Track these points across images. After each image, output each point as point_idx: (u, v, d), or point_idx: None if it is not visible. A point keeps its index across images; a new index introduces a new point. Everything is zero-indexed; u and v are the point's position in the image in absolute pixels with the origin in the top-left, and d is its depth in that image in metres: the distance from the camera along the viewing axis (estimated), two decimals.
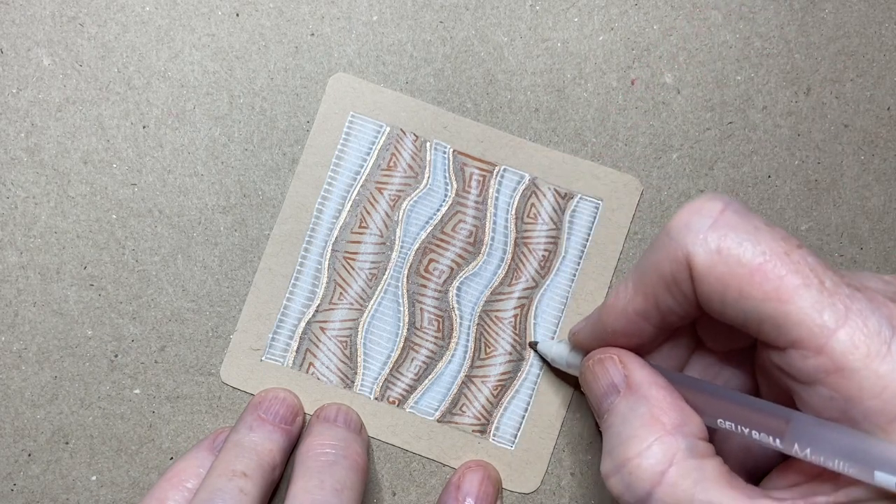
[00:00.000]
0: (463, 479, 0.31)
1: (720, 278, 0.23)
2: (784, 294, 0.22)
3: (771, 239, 0.23)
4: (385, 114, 0.33)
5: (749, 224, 0.23)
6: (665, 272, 0.24)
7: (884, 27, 0.33)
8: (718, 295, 0.23)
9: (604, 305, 0.27)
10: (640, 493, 0.24)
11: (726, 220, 0.23)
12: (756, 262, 0.23)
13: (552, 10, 0.33)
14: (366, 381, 0.33)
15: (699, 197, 0.24)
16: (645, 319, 0.26)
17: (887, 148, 0.33)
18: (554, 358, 0.31)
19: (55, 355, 0.32)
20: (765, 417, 0.24)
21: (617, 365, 0.27)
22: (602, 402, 0.27)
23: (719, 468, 0.24)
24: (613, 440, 0.26)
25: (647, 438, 0.24)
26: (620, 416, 0.26)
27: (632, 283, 0.26)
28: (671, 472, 0.24)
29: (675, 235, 0.24)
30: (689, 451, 0.24)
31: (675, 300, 0.25)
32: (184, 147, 0.33)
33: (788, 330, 0.22)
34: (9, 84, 0.32)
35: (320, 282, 0.33)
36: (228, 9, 0.33)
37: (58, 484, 0.32)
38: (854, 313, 0.22)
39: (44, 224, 0.32)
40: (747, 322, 0.23)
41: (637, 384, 0.26)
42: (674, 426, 0.25)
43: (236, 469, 0.28)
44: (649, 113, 0.33)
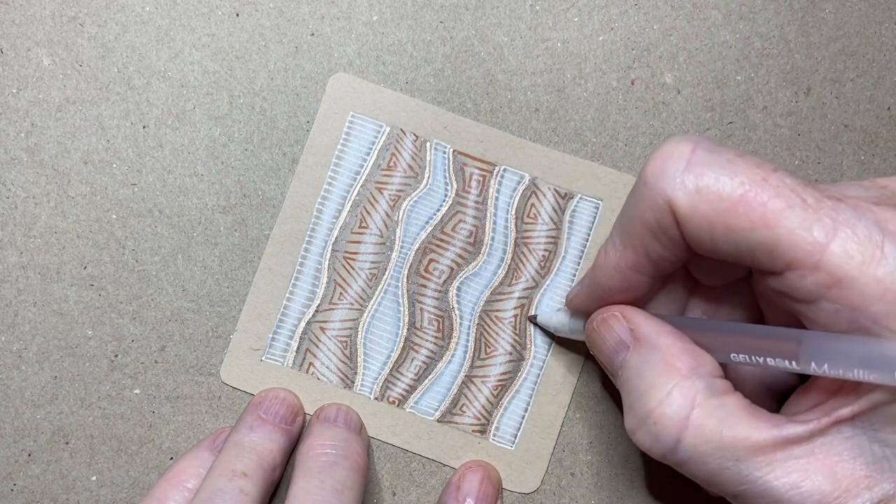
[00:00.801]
0: (463, 480, 0.31)
1: (705, 216, 0.23)
2: (770, 219, 0.22)
3: (746, 168, 0.23)
4: (385, 114, 0.33)
5: (722, 158, 0.23)
6: (649, 221, 0.24)
7: (884, 27, 0.33)
8: (706, 233, 0.23)
9: (595, 266, 0.27)
10: (669, 441, 0.24)
11: (699, 159, 0.23)
12: (737, 193, 0.23)
13: (552, 10, 0.33)
14: (366, 381, 0.33)
15: (667, 141, 0.24)
16: (638, 271, 0.26)
17: (887, 148, 0.33)
18: (556, 327, 0.31)
19: (55, 355, 0.32)
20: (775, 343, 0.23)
21: (621, 321, 0.27)
22: (613, 361, 0.27)
23: (741, 402, 0.24)
24: (632, 395, 0.26)
25: (665, 386, 0.25)
26: (634, 370, 0.26)
27: (619, 238, 0.26)
28: (695, 414, 0.24)
29: (653, 183, 0.24)
30: (708, 391, 0.24)
31: (664, 247, 0.25)
32: (184, 147, 0.33)
33: (782, 253, 0.22)
34: (9, 84, 0.32)
35: (320, 282, 0.33)
36: (228, 9, 0.33)
37: (58, 484, 0.32)
38: (841, 224, 0.22)
39: (44, 224, 0.32)
40: (740, 254, 0.23)
41: (644, 336, 0.26)
42: (689, 369, 0.25)
43: (236, 469, 0.28)
44: (649, 113, 0.33)
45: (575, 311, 0.30)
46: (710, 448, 0.24)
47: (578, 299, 0.29)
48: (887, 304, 0.21)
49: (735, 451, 0.24)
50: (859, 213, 0.22)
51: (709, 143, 0.24)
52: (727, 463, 0.24)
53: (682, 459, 0.24)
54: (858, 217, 0.22)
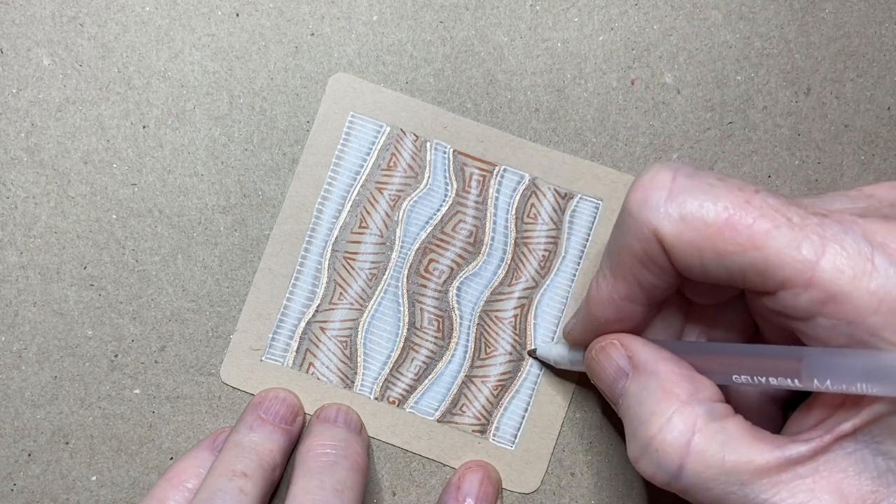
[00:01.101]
0: (463, 480, 0.31)
1: (692, 243, 0.23)
2: (758, 241, 0.22)
3: (728, 191, 0.23)
4: (385, 114, 0.33)
5: (703, 183, 0.23)
6: (637, 252, 0.24)
7: (884, 27, 0.33)
8: (695, 259, 0.23)
9: (587, 298, 0.27)
10: (672, 468, 0.24)
11: (680, 186, 0.23)
12: (721, 217, 0.23)
13: (552, 10, 0.33)
14: (366, 381, 0.33)
15: (647, 170, 0.24)
16: (631, 301, 0.26)
17: (887, 148, 0.33)
18: (556, 360, 0.31)
19: (55, 355, 0.32)
20: (776, 362, 0.23)
21: (619, 349, 0.27)
22: (614, 389, 0.27)
23: (742, 425, 0.24)
24: (633, 422, 0.26)
25: (665, 413, 0.24)
26: (634, 398, 0.26)
27: (608, 270, 0.26)
28: (696, 440, 0.24)
29: (637, 214, 0.24)
30: (708, 415, 0.24)
31: (655, 275, 0.25)
32: (184, 147, 0.33)
33: (773, 273, 0.22)
34: (9, 84, 0.32)
35: (320, 282, 0.33)
36: (228, 9, 0.33)
37: (58, 484, 0.32)
38: (829, 240, 0.22)
39: (44, 224, 0.32)
40: (731, 277, 0.23)
41: (643, 363, 0.26)
42: (688, 395, 0.25)
43: (236, 469, 0.28)
44: (649, 113, 0.33)
45: (572, 344, 0.30)
46: (713, 473, 0.24)
47: (575, 332, 0.29)
48: (883, 316, 0.21)
49: (739, 474, 0.23)
50: (846, 226, 0.22)
51: (687, 168, 0.24)
52: (732, 487, 0.23)
53: (687, 486, 0.24)
54: (845, 231, 0.22)
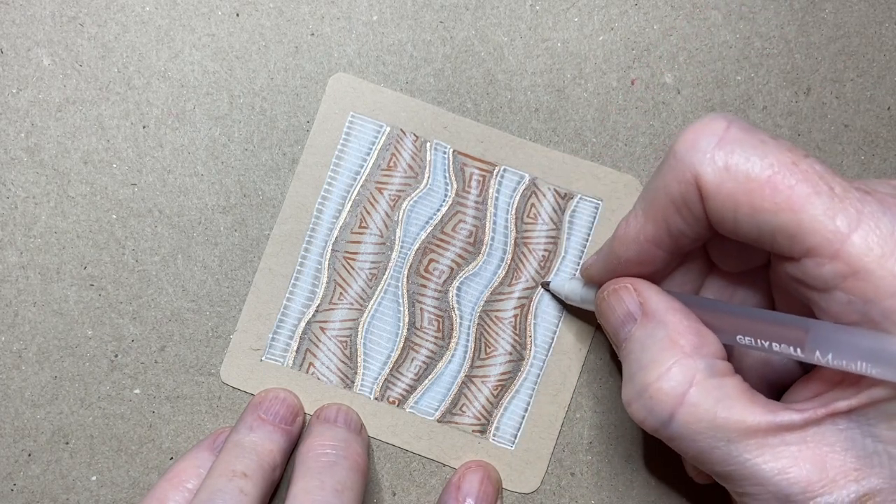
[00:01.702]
0: (463, 480, 0.31)
1: (731, 195, 0.23)
2: (795, 203, 0.22)
3: (778, 150, 0.23)
4: (385, 114, 0.33)
5: (755, 138, 0.23)
6: (674, 195, 0.24)
7: (884, 27, 0.33)
8: (730, 212, 0.23)
9: (614, 236, 0.27)
10: (663, 415, 0.24)
11: (732, 137, 0.23)
12: (765, 174, 0.23)
13: (552, 10, 0.33)
14: (366, 381, 0.33)
15: (703, 117, 0.24)
16: (657, 245, 0.26)
17: (887, 148, 0.33)
18: (568, 294, 0.31)
19: (55, 355, 0.32)
20: (783, 329, 0.24)
21: (632, 293, 0.27)
22: (619, 332, 0.27)
23: (739, 385, 0.24)
24: (633, 367, 0.26)
25: (665, 362, 0.25)
26: (638, 343, 0.26)
27: (641, 210, 0.26)
28: (692, 392, 0.24)
29: (682, 156, 0.24)
30: (708, 370, 0.24)
31: (686, 222, 0.25)
32: (184, 147, 0.33)
33: (802, 239, 0.22)
34: (9, 84, 0.32)
35: (320, 282, 0.33)
36: (228, 9, 0.33)
37: (58, 484, 0.32)
38: (866, 216, 0.22)
39: (44, 224, 0.32)
40: (761, 236, 0.23)
41: (653, 310, 0.26)
42: (692, 348, 0.25)
43: (236, 469, 0.28)
44: (649, 113, 0.33)
45: (588, 281, 0.30)
46: (702, 427, 0.24)
47: (593, 269, 0.29)
48: None
49: (727, 431, 0.24)
50: (885, 207, 0.22)
51: (743, 122, 0.24)
52: (718, 443, 0.24)
53: (674, 435, 0.25)
54: (884, 211, 0.22)
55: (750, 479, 0.24)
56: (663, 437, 0.25)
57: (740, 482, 0.24)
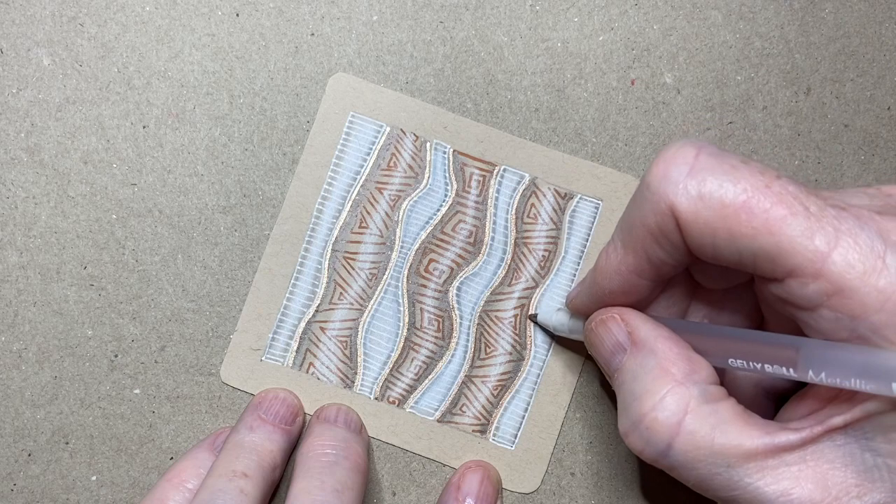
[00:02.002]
0: (463, 479, 0.31)
1: (707, 223, 0.23)
2: (773, 226, 0.22)
3: (749, 174, 0.23)
4: (385, 114, 0.33)
5: (725, 163, 0.23)
6: (651, 226, 0.24)
7: (884, 27, 0.33)
8: (708, 239, 0.23)
9: (595, 268, 0.27)
10: (660, 445, 0.24)
11: (702, 164, 0.23)
12: (739, 199, 0.23)
13: (552, 10, 0.33)
14: (366, 381, 0.33)
15: (671, 145, 0.24)
16: (639, 275, 0.26)
17: (887, 148, 0.33)
18: (556, 326, 0.31)
19: (55, 355, 0.32)
20: (774, 349, 0.24)
21: (619, 323, 0.27)
22: (610, 363, 0.27)
23: (734, 409, 0.24)
24: (627, 398, 0.26)
25: (659, 391, 0.25)
26: (630, 374, 0.26)
27: (620, 242, 0.26)
28: (687, 420, 0.24)
29: (655, 188, 0.24)
30: (701, 397, 0.24)
31: (666, 252, 0.25)
32: (184, 147, 0.33)
33: (783, 260, 0.22)
34: (9, 84, 0.32)
35: (320, 282, 0.33)
36: (228, 9, 0.33)
37: (58, 484, 0.32)
38: (844, 233, 0.22)
39: (44, 224, 0.32)
40: (742, 260, 0.23)
41: (642, 340, 0.26)
42: (684, 375, 0.25)
43: (237, 469, 0.28)
44: (649, 113, 0.33)
45: (574, 312, 0.30)
46: (701, 454, 0.24)
47: (578, 300, 0.29)
48: (887, 315, 0.21)
49: (726, 457, 0.24)
50: (862, 222, 0.22)
51: (712, 147, 0.24)
52: (718, 469, 0.24)
53: (674, 464, 0.25)
54: (861, 227, 0.22)
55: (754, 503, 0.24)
56: (663, 467, 0.25)
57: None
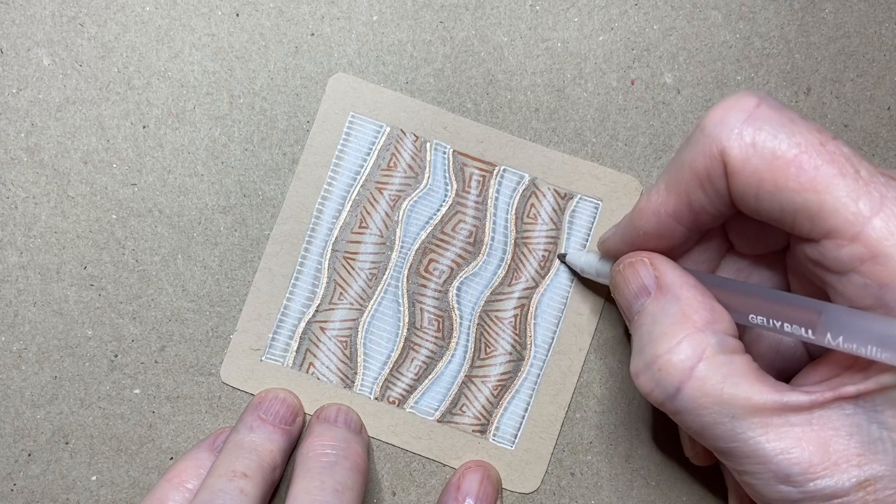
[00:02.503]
0: (463, 479, 0.31)
1: (755, 172, 0.23)
2: (820, 184, 0.22)
3: (806, 130, 0.23)
4: (385, 114, 0.33)
5: (784, 116, 0.23)
6: (699, 169, 0.24)
7: (884, 27, 0.33)
8: (753, 189, 0.23)
9: (634, 209, 0.27)
10: (670, 388, 0.25)
11: (761, 114, 0.23)
12: (791, 153, 0.23)
13: (552, 10, 0.33)
14: (366, 381, 0.33)
15: (734, 93, 0.24)
16: (677, 220, 0.26)
17: (887, 148, 0.33)
18: (583, 267, 0.31)
19: (55, 355, 0.32)
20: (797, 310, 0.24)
21: (648, 267, 0.27)
22: (633, 305, 0.27)
23: (748, 364, 0.24)
24: (644, 339, 0.26)
25: (676, 335, 0.25)
26: (651, 317, 0.26)
27: (664, 184, 0.26)
28: (700, 367, 0.24)
29: (710, 131, 0.24)
30: (718, 346, 0.24)
31: (709, 198, 0.25)
32: (184, 147, 0.33)
33: (823, 220, 0.22)
34: (9, 84, 0.32)
35: (320, 282, 0.33)
36: (228, 9, 0.33)
37: (58, 484, 0.32)
38: (889, 200, 0.22)
39: (44, 224, 0.32)
40: (782, 215, 0.23)
41: (668, 285, 0.26)
42: (704, 323, 0.25)
43: (237, 469, 0.28)
44: (649, 113, 0.33)
45: (605, 253, 0.30)
46: (708, 402, 0.24)
47: (611, 241, 0.29)
48: None
49: (733, 408, 0.24)
50: None
51: (774, 101, 0.24)
52: (722, 419, 0.24)
53: (679, 408, 0.25)
54: None
55: (752, 458, 0.24)
56: (668, 411, 0.25)
57: (741, 460, 0.24)
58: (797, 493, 0.23)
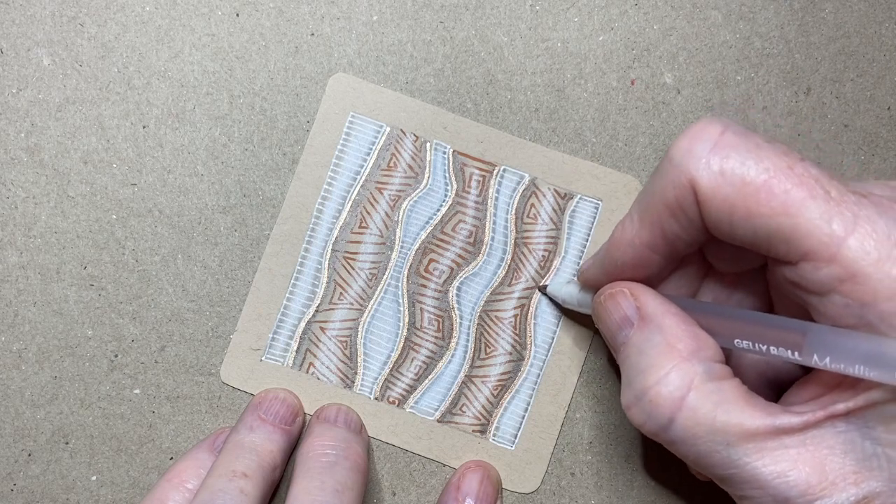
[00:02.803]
0: (463, 480, 0.31)
1: (726, 199, 0.23)
2: (791, 208, 0.22)
3: (773, 154, 0.23)
4: (385, 114, 0.33)
5: (750, 142, 0.23)
6: (669, 199, 0.24)
7: (884, 27, 0.33)
8: (726, 216, 0.23)
9: (610, 240, 0.27)
10: (662, 420, 0.25)
11: (727, 141, 0.23)
12: (760, 179, 0.23)
13: (552, 10, 0.33)
14: (366, 381, 0.33)
15: (698, 122, 0.24)
16: (652, 250, 0.26)
17: (887, 148, 0.33)
18: (564, 299, 0.31)
19: (55, 355, 0.32)
20: (781, 332, 0.24)
21: (628, 297, 0.27)
22: (617, 336, 0.27)
23: (738, 388, 0.24)
24: (631, 372, 0.26)
25: (664, 366, 0.25)
26: (636, 348, 0.26)
27: (637, 215, 0.26)
28: (691, 396, 0.24)
29: (678, 162, 0.24)
30: (706, 374, 0.24)
31: (682, 227, 0.25)
32: (184, 147, 0.33)
33: (799, 243, 0.22)
34: (9, 84, 0.32)
35: (320, 282, 0.33)
36: (228, 9, 0.33)
37: (58, 484, 0.32)
38: (862, 219, 0.22)
39: (44, 224, 0.32)
40: (757, 240, 0.23)
41: (650, 315, 0.26)
42: (689, 352, 0.25)
43: (237, 469, 0.28)
44: (649, 113, 0.33)
45: (585, 284, 0.30)
46: (701, 431, 0.24)
47: (590, 272, 0.29)
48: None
49: (726, 435, 0.24)
50: (881, 210, 0.22)
51: (738, 126, 0.24)
52: (717, 447, 0.24)
53: (673, 439, 0.25)
54: (880, 214, 0.22)
55: (750, 483, 0.24)
56: (663, 441, 0.25)
57: (740, 486, 0.24)
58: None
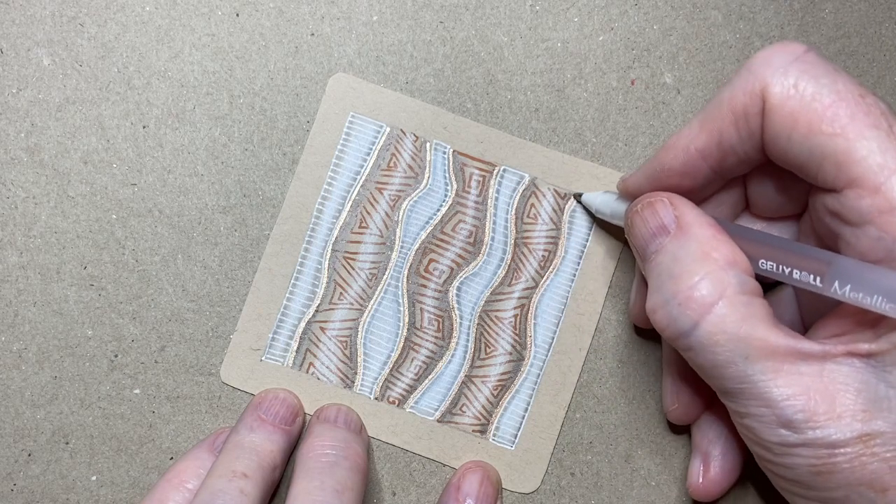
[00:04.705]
0: (463, 480, 0.31)
1: (792, 113, 0.24)
2: (851, 133, 0.23)
3: (848, 81, 0.24)
4: (385, 114, 0.33)
5: (829, 66, 0.24)
6: (737, 105, 0.25)
7: (884, 27, 0.33)
8: (786, 130, 0.24)
9: (664, 146, 0.27)
10: (687, 324, 0.25)
11: (808, 59, 0.24)
12: (830, 99, 0.23)
13: (552, 10, 0.33)
14: (366, 381, 0.33)
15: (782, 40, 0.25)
16: (703, 158, 0.26)
17: None
18: (598, 207, 0.31)
19: (55, 355, 0.32)
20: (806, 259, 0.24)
21: (667, 206, 0.27)
22: (650, 244, 0.27)
23: (766, 308, 0.25)
24: (662, 277, 0.26)
25: (698, 272, 0.25)
26: (670, 255, 0.26)
27: (698, 121, 0.26)
28: (720, 304, 0.24)
29: (755, 69, 0.25)
30: (739, 286, 0.25)
31: (740, 137, 0.25)
32: (184, 147, 0.33)
33: (849, 168, 0.23)
34: (9, 84, 0.32)
35: (320, 282, 0.33)
36: (228, 9, 0.33)
37: (58, 484, 0.32)
38: None
39: (44, 224, 0.32)
40: (810, 160, 0.24)
41: (688, 224, 0.26)
42: (725, 262, 0.25)
43: (237, 470, 0.28)
44: (649, 113, 0.33)
45: (624, 192, 0.30)
46: (724, 339, 0.24)
47: (633, 179, 0.29)
48: None
49: (748, 348, 0.24)
50: None
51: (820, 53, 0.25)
52: (736, 358, 0.24)
53: (694, 344, 0.25)
54: None
55: (758, 400, 0.24)
56: (681, 347, 0.25)
57: (746, 402, 0.24)
58: (796, 438, 0.24)
